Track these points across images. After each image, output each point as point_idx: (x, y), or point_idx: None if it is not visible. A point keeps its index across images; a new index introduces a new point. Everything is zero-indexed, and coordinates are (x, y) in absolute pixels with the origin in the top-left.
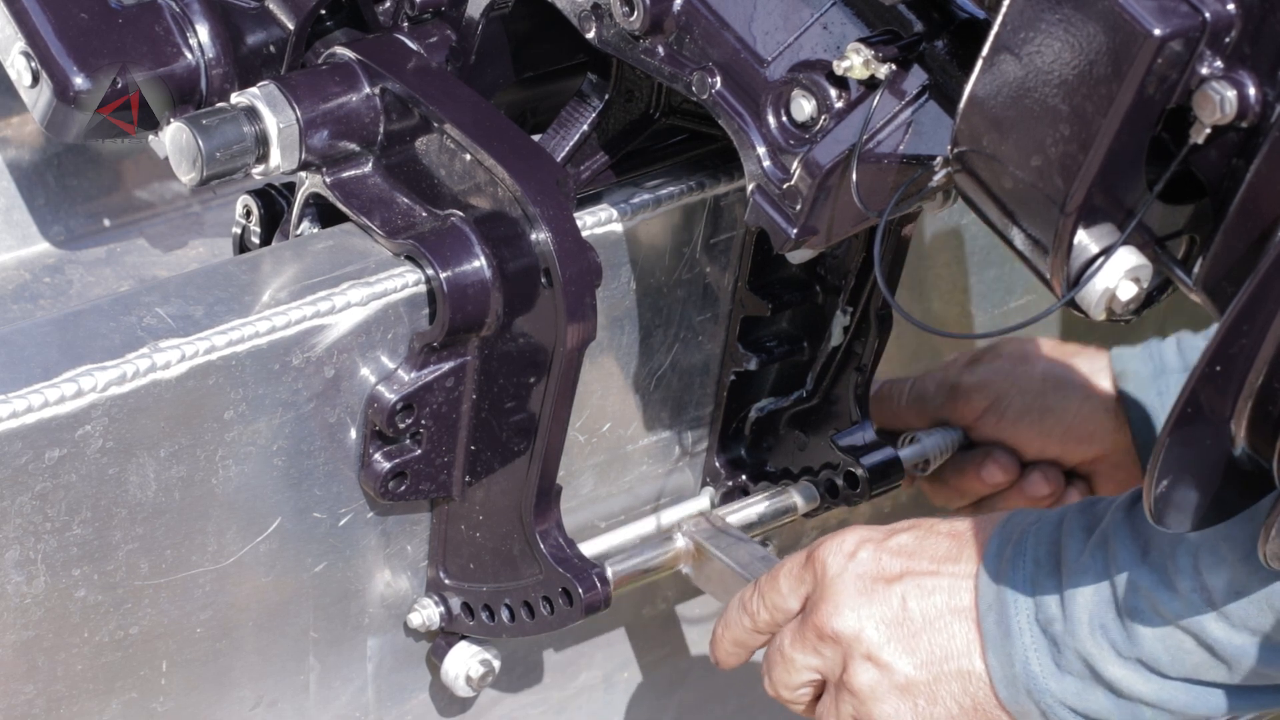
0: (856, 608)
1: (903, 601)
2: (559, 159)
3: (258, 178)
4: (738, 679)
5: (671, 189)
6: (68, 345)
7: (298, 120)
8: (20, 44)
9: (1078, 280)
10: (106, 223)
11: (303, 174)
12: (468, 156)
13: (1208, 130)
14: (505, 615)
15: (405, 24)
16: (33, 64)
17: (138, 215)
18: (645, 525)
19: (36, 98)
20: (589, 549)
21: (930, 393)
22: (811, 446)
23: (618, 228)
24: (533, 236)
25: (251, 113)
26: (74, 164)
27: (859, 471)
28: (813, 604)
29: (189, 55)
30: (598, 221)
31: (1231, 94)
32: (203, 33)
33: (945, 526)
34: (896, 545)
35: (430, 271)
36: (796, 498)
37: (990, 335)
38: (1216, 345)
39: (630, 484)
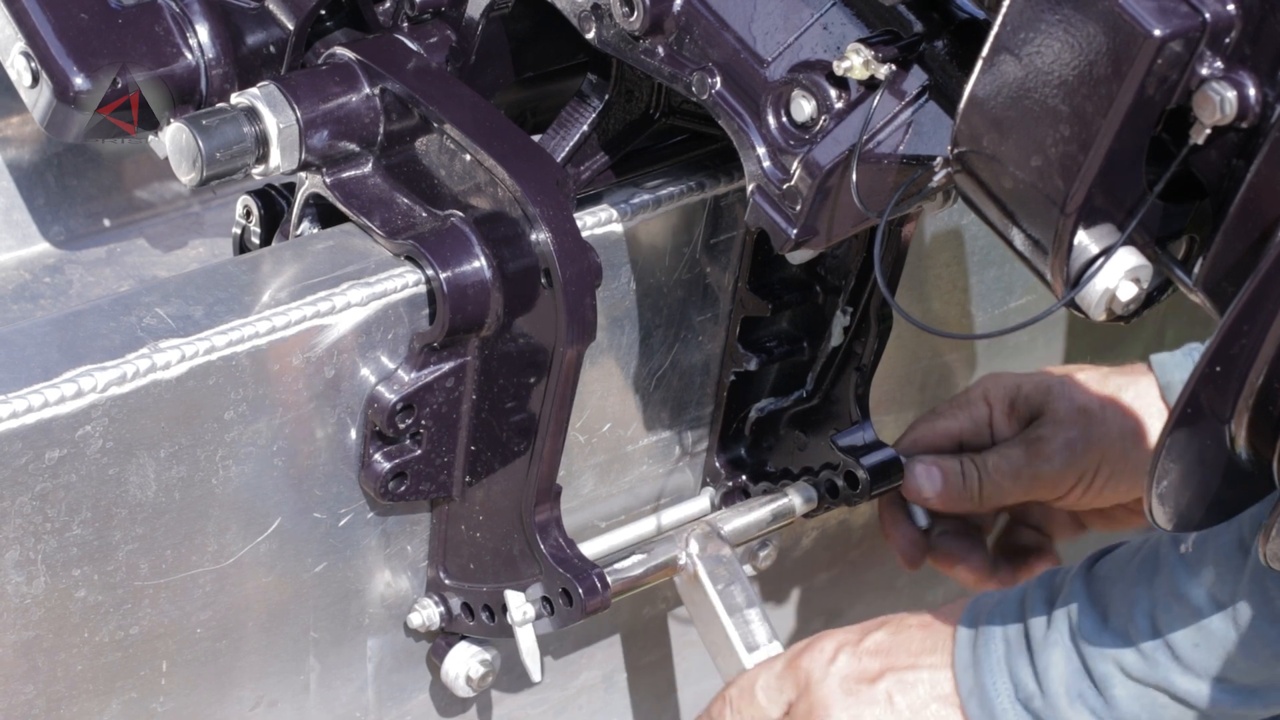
0: (846, 708)
1: (888, 697)
2: (559, 159)
3: (258, 178)
4: None
5: (671, 189)
6: (68, 345)
7: (298, 120)
8: (20, 44)
9: (1078, 280)
10: (106, 223)
11: (302, 174)
12: (467, 157)
13: (1208, 131)
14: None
15: (405, 24)
16: (33, 64)
17: (138, 215)
18: (645, 526)
19: (36, 98)
20: (589, 549)
21: (1008, 488)
22: (811, 447)
23: (618, 228)
24: (533, 237)
25: (251, 113)
26: (74, 164)
27: (859, 472)
28: (802, 713)
29: (189, 55)
30: (598, 222)
31: (1231, 94)
32: (203, 33)
33: (915, 620)
34: (873, 645)
35: (430, 272)
36: (796, 498)
37: (990, 335)
38: (1216, 345)
39: (630, 484)
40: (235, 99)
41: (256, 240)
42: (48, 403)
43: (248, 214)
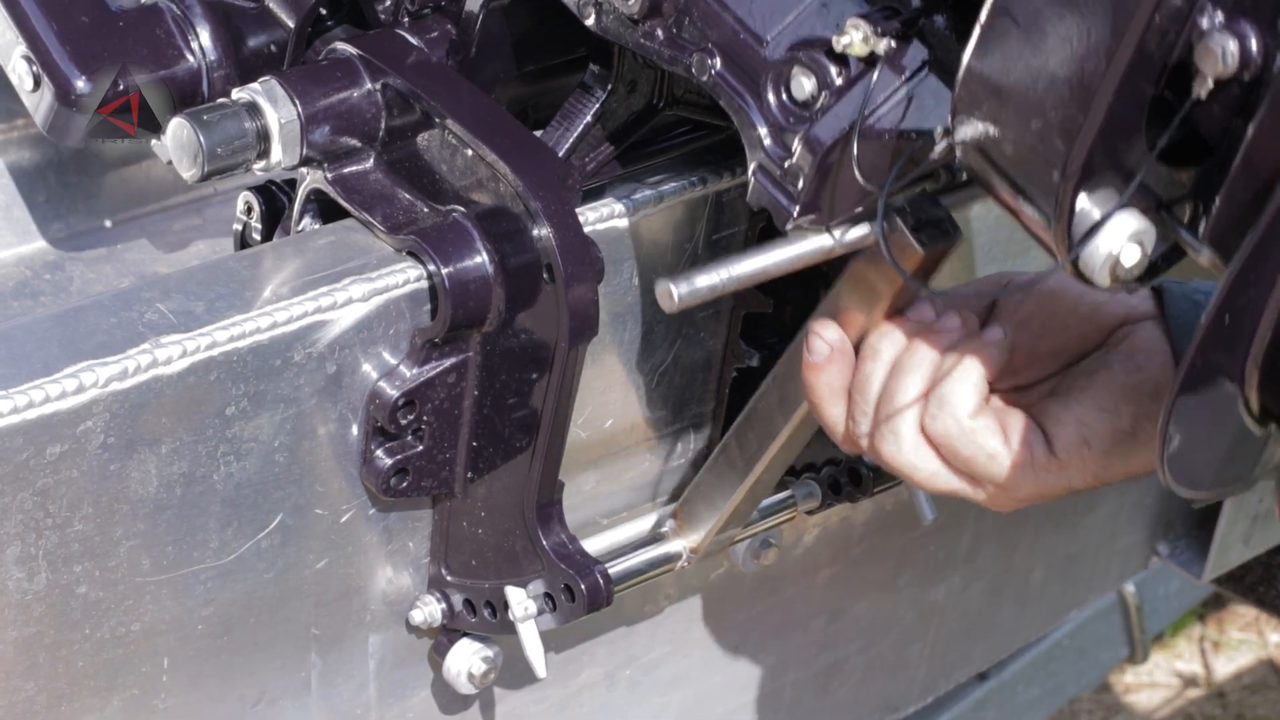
0: None
1: None
2: (563, 150)
3: (259, 173)
4: (738, 678)
5: (674, 184)
6: (69, 341)
7: (299, 116)
8: (21, 48)
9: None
10: (107, 220)
11: (304, 170)
12: (469, 152)
13: (1210, 84)
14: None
15: (405, 19)
16: (34, 68)
17: (138, 212)
18: (648, 522)
19: (38, 102)
20: (591, 545)
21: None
22: (813, 443)
23: (620, 223)
24: (535, 232)
25: (253, 108)
26: (75, 161)
27: (862, 469)
28: None
29: (190, 58)
30: (600, 217)
31: (1233, 45)
32: (204, 35)
33: None
34: None
35: (432, 267)
36: (798, 495)
37: None
38: (1223, 297)
39: (632, 480)
40: (236, 94)
41: (258, 236)
42: (49, 398)
43: (249, 210)
